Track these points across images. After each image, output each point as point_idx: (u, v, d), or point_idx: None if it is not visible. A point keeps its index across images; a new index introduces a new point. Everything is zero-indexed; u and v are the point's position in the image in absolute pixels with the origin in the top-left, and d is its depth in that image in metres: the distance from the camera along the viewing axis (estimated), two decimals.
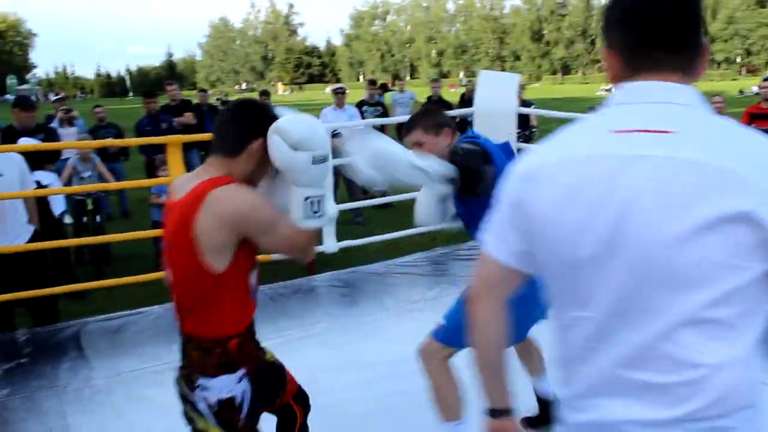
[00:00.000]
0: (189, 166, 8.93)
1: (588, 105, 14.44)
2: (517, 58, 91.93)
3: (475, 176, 2.53)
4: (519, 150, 6.41)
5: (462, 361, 2.33)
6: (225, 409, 2.05)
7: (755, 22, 73.51)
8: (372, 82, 10.45)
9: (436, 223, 2.81)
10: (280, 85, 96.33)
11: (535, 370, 3.22)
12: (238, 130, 2.05)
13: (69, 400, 3.66)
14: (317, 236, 2.13)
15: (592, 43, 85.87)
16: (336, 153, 7.07)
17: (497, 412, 1.55)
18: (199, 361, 2.07)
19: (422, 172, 2.44)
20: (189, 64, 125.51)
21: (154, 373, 3.97)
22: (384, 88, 14.29)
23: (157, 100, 8.63)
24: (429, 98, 10.33)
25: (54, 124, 8.79)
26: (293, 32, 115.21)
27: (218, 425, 2.07)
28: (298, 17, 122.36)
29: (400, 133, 3.07)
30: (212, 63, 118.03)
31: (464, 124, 10.20)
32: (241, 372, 2.06)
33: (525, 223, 1.35)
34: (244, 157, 2.03)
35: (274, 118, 2.00)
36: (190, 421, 2.14)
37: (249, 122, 2.05)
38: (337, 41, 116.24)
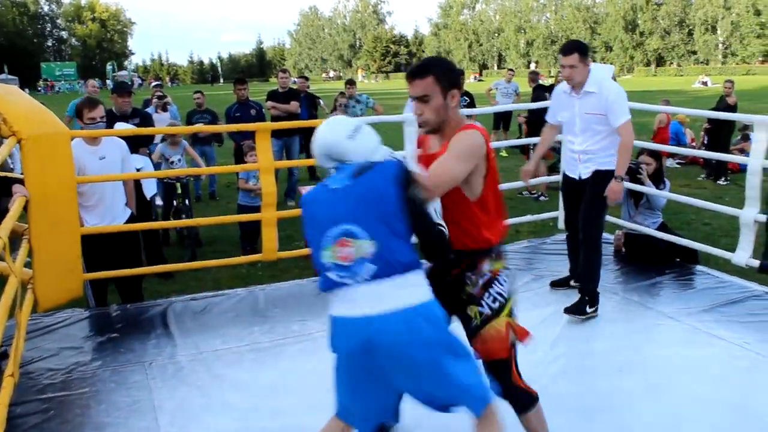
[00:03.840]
0: (289, 153, 9.14)
1: (681, 98, 13.85)
2: (609, 48, 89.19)
3: None
4: None
5: None
6: None
7: None
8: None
9: None
10: (359, 70, 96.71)
11: None
12: None
13: (153, 375, 3.79)
14: None
15: (690, 33, 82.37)
16: None
17: None
18: None
19: None
20: (278, 52, 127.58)
21: (234, 353, 4.07)
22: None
23: (247, 87, 8.78)
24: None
25: (150, 110, 9.12)
26: (381, 21, 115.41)
27: None
28: (386, 6, 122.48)
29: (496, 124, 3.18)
30: (301, 51, 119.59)
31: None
32: None
33: None
34: None
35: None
36: None
37: None
38: (425, 30, 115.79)
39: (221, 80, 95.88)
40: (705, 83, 46.86)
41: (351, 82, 10.91)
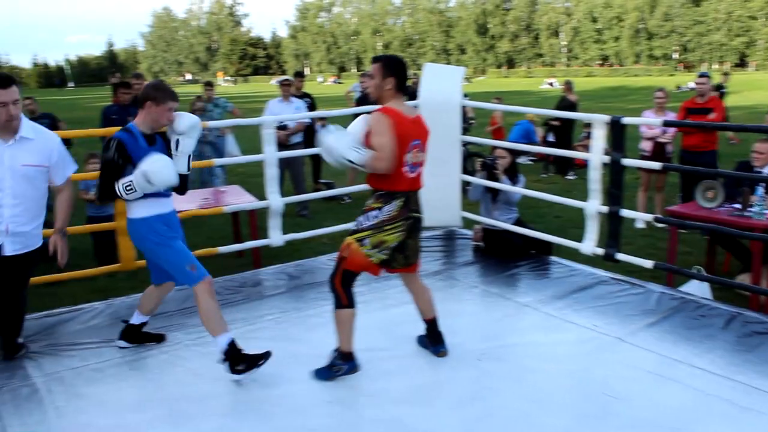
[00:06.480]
0: None
1: (530, 98, 14.59)
2: (463, 51, 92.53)
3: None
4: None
5: None
6: None
7: (690, 20, 75.51)
8: (298, 74, 10.30)
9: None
10: (219, 74, 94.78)
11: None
12: None
13: (4, 401, 3.53)
14: None
15: (536, 37, 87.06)
16: (279, 146, 7.00)
17: None
18: None
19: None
20: (131, 54, 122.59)
21: (94, 370, 3.88)
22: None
23: (132, 91, 8.30)
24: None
25: None
26: (238, 23, 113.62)
27: None
28: (242, 8, 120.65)
29: None
30: (155, 53, 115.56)
31: None
32: None
33: None
34: None
35: None
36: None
37: None
38: (283, 33, 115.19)
39: (72, 83, 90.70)
40: (552, 84, 49.83)
41: (209, 85, 10.67)
